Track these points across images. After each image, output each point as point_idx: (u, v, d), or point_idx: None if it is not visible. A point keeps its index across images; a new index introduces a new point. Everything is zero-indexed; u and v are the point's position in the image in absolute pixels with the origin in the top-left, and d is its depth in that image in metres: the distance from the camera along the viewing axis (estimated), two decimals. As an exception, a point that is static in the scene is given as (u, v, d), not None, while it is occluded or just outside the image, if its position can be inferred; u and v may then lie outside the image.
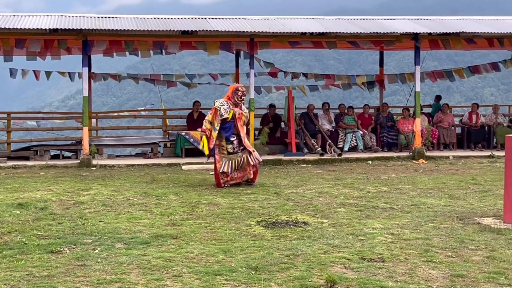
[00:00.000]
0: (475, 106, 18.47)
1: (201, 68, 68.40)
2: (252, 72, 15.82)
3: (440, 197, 10.17)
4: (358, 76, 19.89)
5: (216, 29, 15.02)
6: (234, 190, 10.88)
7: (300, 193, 10.53)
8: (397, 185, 11.57)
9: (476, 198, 10.11)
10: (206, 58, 68.95)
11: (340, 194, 10.43)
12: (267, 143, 15.51)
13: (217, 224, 8.05)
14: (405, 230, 7.66)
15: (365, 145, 17.12)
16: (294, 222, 8.14)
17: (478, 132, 17.90)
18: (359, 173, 13.32)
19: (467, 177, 12.68)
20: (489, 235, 7.37)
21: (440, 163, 15.15)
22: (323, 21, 16.82)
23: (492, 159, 15.76)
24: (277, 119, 17.35)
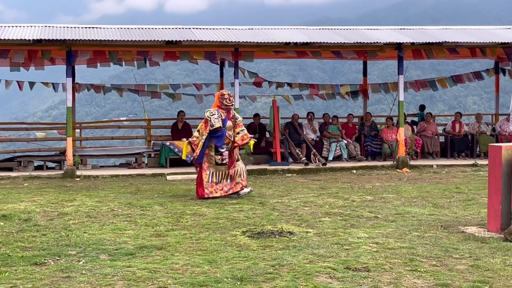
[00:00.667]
0: (458, 115, 18.61)
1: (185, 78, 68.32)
2: (236, 81, 15.84)
3: (424, 206, 10.21)
4: (342, 86, 19.97)
5: (201, 39, 15.03)
6: (219, 200, 10.87)
7: (285, 203, 10.53)
8: (382, 194, 11.61)
9: (460, 207, 10.17)
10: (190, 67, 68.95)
11: (325, 204, 10.44)
12: (252, 153, 15.49)
13: (202, 234, 8.02)
14: (390, 239, 7.68)
15: (350, 154, 17.18)
16: (279, 232, 8.14)
17: (461, 141, 18.02)
18: (344, 182, 13.36)
19: (451, 186, 12.75)
20: (474, 243, 7.41)
21: (424, 172, 15.23)
22: (307, 31, 16.90)
23: (475, 167, 15.87)
24: (262, 128, 17.37)
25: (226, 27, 16.86)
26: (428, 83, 19.90)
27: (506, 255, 6.83)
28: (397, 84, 16.76)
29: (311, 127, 17.53)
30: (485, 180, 13.11)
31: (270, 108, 17.04)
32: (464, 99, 68.07)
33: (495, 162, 8.13)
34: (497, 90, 20.24)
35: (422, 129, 18.03)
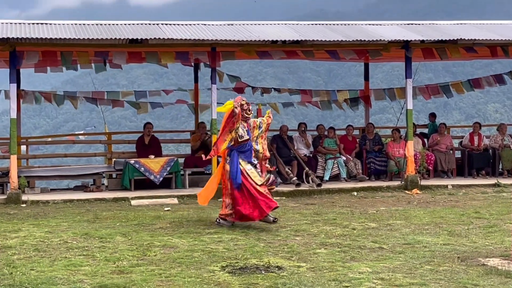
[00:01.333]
0: (477, 126, 18.73)
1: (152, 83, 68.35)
2: (214, 87, 15.85)
3: (437, 234, 10.26)
4: (339, 92, 20.04)
5: (171, 36, 15.05)
6: (193, 229, 10.86)
7: (273, 232, 10.53)
8: (387, 220, 11.66)
9: (480, 234, 10.23)
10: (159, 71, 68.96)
11: (321, 232, 10.46)
12: (232, 172, 15.48)
13: (174, 270, 8.00)
14: (397, 274, 7.71)
15: (349, 173, 17.23)
16: (266, 267, 8.14)
17: (481, 157, 18.13)
18: (343, 207, 13.38)
19: (469, 210, 12.83)
20: (496, 279, 7.45)
21: (437, 194, 15.31)
22: (298, 27, 16.98)
23: (498, 188, 15.99)
24: (244, 143, 17.36)
25: (202, 22, 16.89)
26: (441, 88, 20.04)
27: (534, 292, 6.88)
28: (405, 90, 16.87)
29: (304, 140, 17.58)
30: (510, 203, 13.25)
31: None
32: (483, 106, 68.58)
33: (521, 181, 8.21)
34: (522, 96, 20.44)
35: (435, 143, 18.13)
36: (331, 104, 20.08)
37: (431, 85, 20.82)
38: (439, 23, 18.19)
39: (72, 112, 68.71)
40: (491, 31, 17.08)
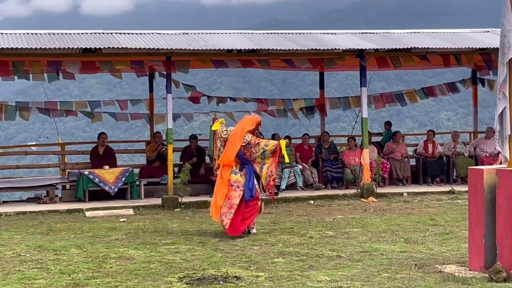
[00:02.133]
0: (431, 133, 18.94)
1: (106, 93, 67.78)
2: (169, 96, 15.77)
3: (394, 242, 10.33)
4: (295, 100, 20.12)
5: (125, 46, 14.95)
6: (150, 240, 10.78)
7: (230, 242, 10.51)
8: (344, 228, 11.71)
9: (436, 241, 10.32)
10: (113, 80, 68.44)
11: (278, 241, 10.46)
12: (189, 182, 15.43)
13: (131, 282, 7.92)
14: (356, 282, 7.73)
15: (305, 182, 17.27)
16: (224, 277, 8.11)
17: (435, 164, 18.33)
18: (300, 215, 13.41)
19: (425, 217, 12.95)
20: (454, 285, 7.51)
21: (393, 201, 15.43)
22: (253, 36, 17.01)
23: (452, 195, 16.17)
24: (200, 152, 17.32)
25: (156, 31, 16.82)
26: (395, 96, 20.25)
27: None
28: (359, 98, 16.98)
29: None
30: (464, 209, 13.39)
31: (210, 128, 16.98)
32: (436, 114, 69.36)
33: (476, 188, 8.28)
34: (475, 104, 20.71)
35: (390, 151, 18.29)
36: (286, 113, 20.15)
37: (385, 93, 21.01)
38: (393, 32, 18.37)
39: (24, 123, 67.74)
40: (444, 39, 17.30)
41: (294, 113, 20.08)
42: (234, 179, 11.31)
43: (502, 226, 7.94)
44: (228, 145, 11.40)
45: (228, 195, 11.23)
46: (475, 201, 8.31)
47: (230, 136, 11.51)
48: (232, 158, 11.30)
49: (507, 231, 7.88)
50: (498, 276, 7.65)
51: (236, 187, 11.27)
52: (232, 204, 11.17)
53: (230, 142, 11.39)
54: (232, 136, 11.45)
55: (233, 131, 11.55)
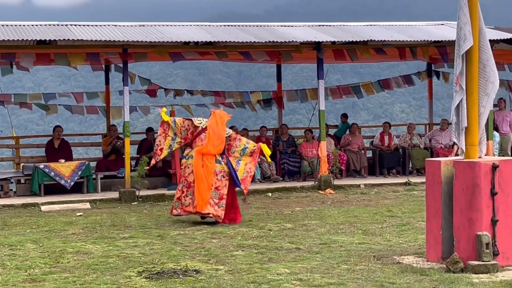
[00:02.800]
0: (387, 126, 19.09)
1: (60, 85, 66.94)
2: (126, 89, 15.61)
3: (352, 234, 10.38)
4: (252, 93, 20.13)
5: (81, 37, 14.77)
6: (107, 234, 10.68)
7: (189, 235, 10.47)
8: (303, 220, 11.74)
9: (393, 233, 10.40)
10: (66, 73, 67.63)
11: (237, 234, 10.45)
12: (147, 175, 15.33)
13: (89, 277, 7.84)
14: (315, 274, 7.75)
15: (263, 174, 17.27)
16: (183, 271, 8.07)
17: (391, 156, 18.49)
18: (258, 208, 13.42)
19: (382, 208, 13.05)
20: (412, 276, 7.56)
21: (350, 193, 15.52)
22: (211, 28, 16.93)
23: (408, 186, 16.32)
24: (157, 146, 17.20)
25: (112, 23, 16.64)
26: (351, 89, 20.37)
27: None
28: (317, 91, 17.01)
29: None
30: (421, 200, 13.55)
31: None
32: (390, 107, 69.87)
33: (434, 180, 8.35)
34: (430, 96, 20.94)
35: (347, 143, 18.38)
36: (244, 105, 20.14)
37: (342, 85, 21.13)
38: (350, 25, 18.44)
39: (-25, 116, 66.79)
40: (400, 32, 17.43)
41: (251, 106, 20.08)
42: (219, 168, 11.64)
43: (459, 217, 8.02)
44: (212, 135, 11.62)
45: (215, 185, 11.55)
46: (432, 192, 8.38)
47: (210, 127, 11.68)
48: (220, 147, 11.67)
49: (464, 222, 7.97)
50: (456, 266, 7.73)
51: (221, 176, 11.61)
52: (222, 194, 11.54)
53: (214, 132, 11.64)
54: (213, 127, 11.67)
55: (211, 122, 11.74)
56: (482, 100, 8.23)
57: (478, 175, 7.91)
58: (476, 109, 8.21)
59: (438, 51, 17.46)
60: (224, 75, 76.25)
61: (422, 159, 17.97)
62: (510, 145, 18.79)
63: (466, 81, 8.19)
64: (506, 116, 18.88)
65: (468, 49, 8.15)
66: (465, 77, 8.19)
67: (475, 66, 8.21)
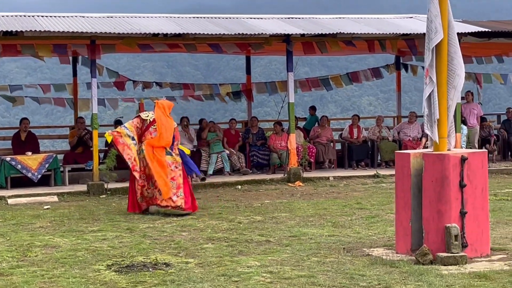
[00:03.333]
0: (356, 118, 19.16)
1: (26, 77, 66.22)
2: (94, 81, 15.47)
3: (322, 226, 10.41)
4: (221, 85, 20.09)
5: (48, 29, 14.60)
6: (76, 227, 10.59)
7: (159, 228, 10.43)
8: (272, 213, 11.75)
9: (363, 225, 10.45)
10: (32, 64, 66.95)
11: (207, 227, 10.43)
12: (115, 168, 15.24)
13: (57, 271, 7.77)
14: (286, 267, 7.75)
15: (233, 167, 17.25)
16: (153, 264, 8.04)
17: (360, 149, 18.58)
18: (227, 201, 13.41)
19: (351, 201, 13.10)
20: (382, 268, 7.60)
21: (319, 186, 15.56)
22: (179, 20, 16.84)
23: (377, 179, 16.40)
24: (126, 138, 17.09)
25: (80, 14, 16.51)
26: (321, 81, 20.41)
27: (419, 281, 7.05)
28: (286, 83, 17.01)
29: (186, 135, 17.46)
30: (389, 193, 13.64)
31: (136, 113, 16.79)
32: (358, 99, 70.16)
33: (403, 172, 8.40)
34: (398, 88, 21.09)
35: (316, 136, 18.43)
36: (213, 98, 20.11)
37: (311, 78, 21.17)
38: (319, 17, 18.48)
39: None
40: (369, 25, 17.48)
41: (221, 98, 20.04)
42: (171, 160, 11.83)
43: (428, 209, 8.08)
44: (162, 128, 11.80)
45: (170, 176, 11.74)
46: (402, 185, 8.43)
47: (158, 119, 11.86)
48: (170, 140, 11.85)
49: (433, 214, 8.02)
50: (425, 258, 7.79)
51: (174, 167, 11.81)
52: (179, 184, 11.74)
53: (163, 125, 11.81)
54: (161, 118, 11.85)
55: (157, 114, 11.91)
56: (449, 93, 8.29)
57: (447, 168, 7.97)
58: (445, 102, 8.28)
59: (406, 44, 17.56)
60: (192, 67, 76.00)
61: (390, 151, 18.12)
62: (477, 138, 19.01)
63: (436, 74, 8.24)
64: (473, 109, 19.08)
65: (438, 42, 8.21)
66: (435, 70, 8.24)
67: (444, 59, 8.27)
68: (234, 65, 70.95)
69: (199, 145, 17.48)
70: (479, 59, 20.79)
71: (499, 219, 10.56)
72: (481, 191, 8.19)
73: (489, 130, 19.56)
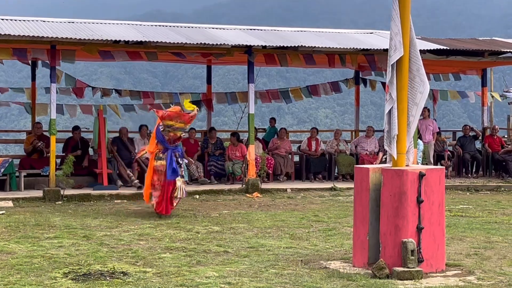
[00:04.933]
0: (314, 131, 19.29)
1: (-20, 81, 65.36)
2: (53, 86, 15.35)
3: (280, 238, 10.46)
4: (182, 95, 20.06)
5: (8, 32, 14.47)
6: (31, 234, 10.47)
7: (116, 236, 10.37)
8: (231, 223, 11.77)
9: (320, 238, 10.52)
10: (-13, 67, 66.15)
11: (165, 236, 10.40)
12: (72, 174, 15.13)
13: (13, 278, 7.67)
14: (244, 278, 7.77)
15: (191, 176, 17.22)
16: (110, 273, 7.98)
17: (318, 161, 18.69)
18: (186, 210, 13.38)
19: (309, 213, 13.19)
20: (339, 281, 7.67)
21: (277, 197, 15.63)
22: (141, 28, 16.82)
23: (334, 191, 16.52)
24: (84, 144, 17.00)
25: (41, 19, 16.39)
26: (280, 93, 20.51)
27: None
28: (246, 94, 17.06)
29: (146, 143, 17.39)
30: (346, 206, 13.77)
31: (95, 120, 16.73)
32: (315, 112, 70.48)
33: (362, 186, 8.50)
34: (357, 103, 21.32)
35: (275, 147, 18.51)
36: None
37: (271, 90, 21.26)
38: (281, 30, 18.61)
39: None
40: (330, 39, 17.62)
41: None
42: (159, 164, 12.45)
43: (386, 224, 8.18)
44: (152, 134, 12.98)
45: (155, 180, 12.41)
46: (360, 199, 8.52)
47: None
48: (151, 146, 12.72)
49: (391, 229, 8.12)
50: (381, 272, 7.88)
51: (160, 171, 12.42)
52: (161, 186, 12.34)
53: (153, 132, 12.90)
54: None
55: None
56: (411, 110, 8.42)
57: (405, 183, 8.08)
58: (405, 118, 8.40)
59: (366, 59, 17.68)
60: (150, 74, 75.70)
61: (347, 165, 18.30)
62: (432, 153, 19.30)
63: (396, 90, 8.36)
64: (429, 125, 19.40)
65: (398, 59, 8.34)
66: (395, 86, 8.36)
67: (405, 76, 8.40)
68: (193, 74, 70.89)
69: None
70: (437, 75, 21.16)
71: (454, 235, 10.73)
72: (438, 206, 8.33)
73: (443, 145, 19.87)
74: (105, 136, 16.27)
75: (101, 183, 15.89)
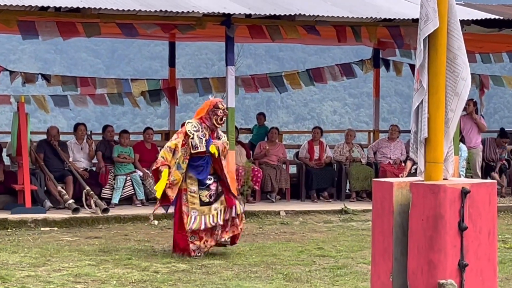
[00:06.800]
0: (317, 132, 19.24)
1: None
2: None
3: (270, 279, 10.48)
4: (134, 81, 20.01)
5: None
6: None
7: (43, 277, 10.37)
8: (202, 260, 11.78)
9: (325, 279, 10.56)
10: None
11: (111, 278, 10.41)
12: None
13: None
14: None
15: (147, 195, 17.20)
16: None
17: (323, 174, 18.69)
18: (140, 241, 13.41)
19: (310, 245, 13.21)
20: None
21: (266, 223, 15.65)
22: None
23: (345, 215, 16.54)
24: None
25: None
26: (271, 80, 20.46)
27: None
28: (223, 80, 17.08)
29: (83, 149, 17.40)
30: (361, 235, 13.84)
31: (13, 116, 16.68)
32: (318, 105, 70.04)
33: (383, 208, 8.51)
34: (376, 93, 21.23)
35: (263, 154, 18.43)
36: (122, 99, 19.98)
37: (258, 75, 21.21)
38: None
39: None
40: (338, 5, 17.57)
41: (133, 99, 19.93)
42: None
43: (416, 259, 8.20)
44: None
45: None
46: (381, 225, 8.54)
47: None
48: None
49: (423, 266, 8.16)
50: (410, 325, 7.94)
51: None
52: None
53: None
54: None
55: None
56: (451, 103, 8.43)
57: (442, 203, 8.11)
58: (442, 114, 8.41)
59: (389, 33, 17.69)
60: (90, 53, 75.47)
61: (363, 178, 18.31)
62: (479, 162, 19.12)
63: (428, 77, 8.39)
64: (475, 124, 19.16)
65: (432, 32, 8.36)
66: (427, 71, 8.38)
67: (441, 57, 8.41)
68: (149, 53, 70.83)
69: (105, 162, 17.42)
70: (486, 56, 21.15)
71: (510, 274, 10.80)
72: (488, 235, 8.36)
73: (501, 152, 19.66)
74: (27, 139, 16.24)
75: (22, 204, 15.85)
